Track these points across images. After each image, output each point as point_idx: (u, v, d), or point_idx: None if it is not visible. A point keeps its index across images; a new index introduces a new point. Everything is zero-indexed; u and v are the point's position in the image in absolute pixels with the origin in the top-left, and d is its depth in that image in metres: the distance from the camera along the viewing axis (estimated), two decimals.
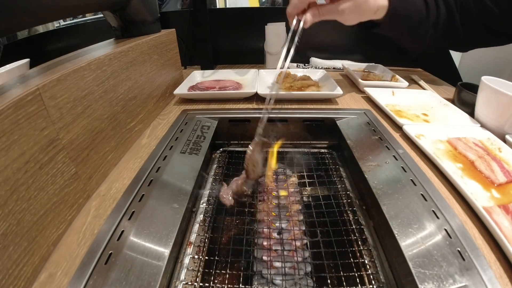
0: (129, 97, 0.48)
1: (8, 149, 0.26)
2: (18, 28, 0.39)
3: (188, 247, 0.35)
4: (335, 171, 0.51)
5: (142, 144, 0.49)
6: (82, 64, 0.37)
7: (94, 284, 0.25)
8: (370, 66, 0.87)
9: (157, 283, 0.26)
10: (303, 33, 0.48)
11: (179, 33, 0.73)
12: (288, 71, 0.75)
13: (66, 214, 0.33)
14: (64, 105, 0.33)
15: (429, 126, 0.52)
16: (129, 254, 0.28)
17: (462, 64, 0.96)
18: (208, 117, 0.56)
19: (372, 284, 0.32)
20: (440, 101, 0.60)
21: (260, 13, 0.98)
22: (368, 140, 0.48)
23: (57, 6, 0.39)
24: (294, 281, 0.35)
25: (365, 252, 0.35)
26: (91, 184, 0.38)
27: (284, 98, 0.65)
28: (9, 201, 0.25)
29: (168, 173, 0.40)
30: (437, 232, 0.30)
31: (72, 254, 0.30)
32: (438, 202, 0.34)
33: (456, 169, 0.40)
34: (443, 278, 0.25)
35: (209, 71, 0.81)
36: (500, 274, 0.27)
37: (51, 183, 0.31)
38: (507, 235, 0.29)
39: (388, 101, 0.63)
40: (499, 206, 0.33)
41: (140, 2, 0.57)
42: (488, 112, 0.50)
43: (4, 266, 0.24)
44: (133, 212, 0.33)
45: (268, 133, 0.51)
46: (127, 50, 0.48)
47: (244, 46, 0.99)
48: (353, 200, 0.43)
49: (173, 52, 0.69)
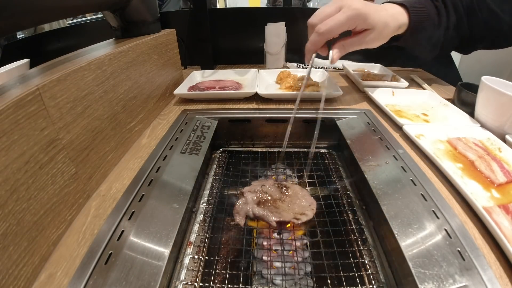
0: (129, 97, 0.48)
1: (8, 149, 0.26)
2: (18, 28, 0.39)
3: (188, 247, 0.35)
4: (335, 171, 0.51)
5: (142, 144, 0.49)
6: (82, 64, 0.37)
7: (94, 284, 0.25)
8: (370, 66, 0.87)
9: (157, 283, 0.26)
10: (302, 33, 0.49)
11: (179, 33, 0.73)
12: (288, 71, 0.75)
13: (66, 214, 0.33)
14: (64, 105, 0.33)
15: (429, 126, 0.52)
16: (129, 254, 0.28)
17: (462, 64, 0.96)
18: (208, 117, 0.56)
19: (372, 284, 0.32)
20: (440, 101, 0.60)
21: (260, 13, 0.98)
22: (368, 140, 0.48)
23: (57, 6, 0.39)
24: (294, 281, 0.35)
25: (365, 252, 0.35)
26: (91, 184, 0.38)
27: (284, 98, 0.65)
28: (9, 201, 0.25)
29: (168, 173, 0.40)
30: (437, 232, 0.30)
31: (72, 254, 0.30)
32: (438, 202, 0.34)
33: (456, 169, 0.40)
34: (443, 278, 0.25)
35: (209, 71, 0.81)
36: (500, 274, 0.27)
37: (51, 183, 0.31)
38: (507, 235, 0.29)
39: (388, 101, 0.63)
40: (499, 206, 0.33)
41: (140, 2, 0.57)
42: (488, 112, 0.50)
43: (4, 266, 0.24)
44: (133, 212, 0.33)
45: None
46: (127, 50, 0.48)
47: (244, 46, 0.99)
48: (353, 200, 0.43)
49: (173, 52, 0.69)
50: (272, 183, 0.45)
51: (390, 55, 0.91)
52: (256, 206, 0.40)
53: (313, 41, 0.47)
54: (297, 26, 0.91)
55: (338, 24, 0.45)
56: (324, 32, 0.45)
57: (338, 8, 0.46)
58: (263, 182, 0.45)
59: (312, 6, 3.36)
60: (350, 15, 0.45)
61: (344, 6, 0.45)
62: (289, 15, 0.92)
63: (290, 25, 0.86)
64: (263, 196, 0.42)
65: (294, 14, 0.93)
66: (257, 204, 0.40)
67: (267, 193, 0.42)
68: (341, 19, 0.45)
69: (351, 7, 0.45)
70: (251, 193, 0.42)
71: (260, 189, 0.43)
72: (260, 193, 0.42)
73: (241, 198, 0.41)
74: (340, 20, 0.45)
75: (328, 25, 0.45)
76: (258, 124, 0.58)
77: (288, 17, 0.90)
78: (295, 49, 0.95)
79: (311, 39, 0.47)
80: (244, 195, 0.42)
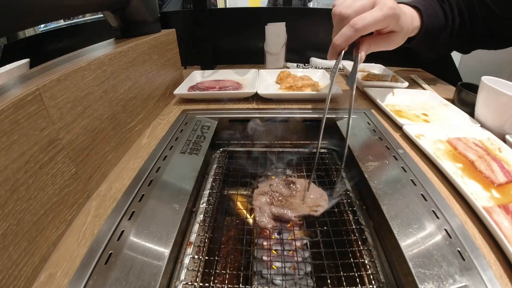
0: (129, 97, 0.48)
1: (8, 149, 0.26)
2: (18, 28, 0.39)
3: (188, 247, 0.35)
4: (335, 171, 0.51)
5: (142, 144, 0.49)
6: (82, 64, 0.37)
7: (94, 284, 0.25)
8: (370, 66, 0.87)
9: (157, 283, 0.26)
10: (303, 33, 0.48)
11: (179, 33, 0.73)
12: (288, 71, 0.75)
13: (66, 214, 0.33)
14: (64, 105, 0.33)
15: (429, 126, 0.52)
16: (129, 254, 0.28)
17: (462, 64, 0.96)
18: (208, 117, 0.56)
19: (372, 284, 0.31)
20: (440, 101, 0.60)
21: (260, 13, 0.98)
22: (368, 140, 0.48)
23: (57, 6, 0.39)
24: (294, 281, 0.35)
25: (365, 252, 0.35)
26: (91, 184, 0.38)
27: (284, 98, 0.65)
28: (9, 201, 0.25)
29: (168, 173, 0.40)
30: (437, 232, 0.30)
31: (72, 254, 0.30)
32: (438, 202, 0.34)
33: (456, 169, 0.40)
34: (443, 278, 0.25)
35: (209, 71, 0.81)
36: (500, 274, 0.27)
37: (51, 183, 0.31)
38: (507, 235, 0.29)
39: (388, 101, 0.63)
40: (499, 206, 0.33)
41: (140, 2, 0.57)
42: (488, 112, 0.50)
43: (4, 266, 0.24)
44: (133, 212, 0.33)
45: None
46: (127, 50, 0.48)
47: (244, 46, 0.99)
48: (353, 200, 0.43)
49: (173, 52, 0.69)
50: (278, 181, 0.45)
51: (390, 55, 0.91)
52: (272, 206, 0.40)
53: (346, 36, 0.41)
54: (297, 26, 0.92)
55: (376, 21, 0.40)
56: (361, 28, 0.40)
57: (372, 3, 0.41)
58: (268, 182, 0.45)
59: (312, 6, 3.36)
60: (387, 14, 0.41)
61: (379, 2, 0.41)
62: (289, 15, 0.92)
63: (290, 25, 0.86)
64: (274, 195, 0.43)
65: (294, 14, 0.93)
66: (271, 204, 0.41)
67: (277, 192, 0.43)
68: (379, 16, 0.40)
69: (387, 5, 0.41)
70: (262, 195, 0.42)
71: (270, 189, 0.43)
72: (270, 193, 0.43)
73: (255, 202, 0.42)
74: (378, 17, 0.40)
75: (366, 20, 0.40)
76: (258, 124, 0.58)
77: (288, 17, 0.90)
78: (295, 49, 0.95)
79: (344, 34, 0.41)
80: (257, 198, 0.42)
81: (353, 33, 0.40)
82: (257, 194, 0.43)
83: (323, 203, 0.40)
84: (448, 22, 0.56)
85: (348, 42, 0.42)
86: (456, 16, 0.57)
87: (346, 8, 0.41)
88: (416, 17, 0.53)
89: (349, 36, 0.41)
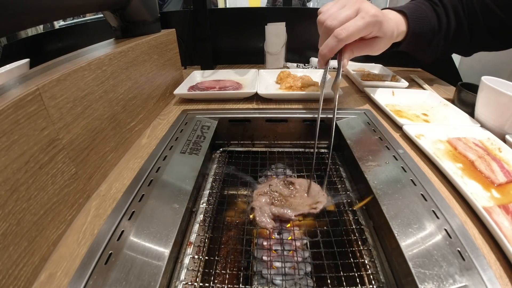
0: (129, 97, 0.48)
1: (8, 149, 0.26)
2: (18, 28, 0.39)
3: (188, 247, 0.35)
4: (335, 171, 0.51)
5: (142, 144, 0.49)
6: (82, 64, 0.37)
7: (94, 284, 0.25)
8: (370, 66, 0.87)
9: (157, 283, 0.26)
10: (302, 33, 0.48)
11: (179, 33, 0.73)
12: (288, 71, 0.75)
13: (66, 214, 0.33)
14: (64, 105, 0.33)
15: (429, 126, 0.52)
16: (129, 254, 0.28)
17: (462, 64, 0.96)
18: (208, 117, 0.56)
19: (372, 284, 0.32)
20: (440, 101, 0.60)
21: (260, 13, 0.98)
22: (368, 140, 0.48)
23: (57, 6, 0.39)
24: (294, 281, 0.35)
25: (365, 252, 0.35)
26: (91, 184, 0.38)
27: (284, 98, 0.65)
28: (9, 201, 0.25)
29: (168, 173, 0.40)
30: (437, 232, 0.30)
31: (72, 254, 0.30)
32: (438, 202, 0.34)
33: (456, 169, 0.40)
34: (443, 278, 0.25)
35: (209, 71, 0.81)
36: (500, 274, 0.27)
37: (51, 183, 0.31)
38: (507, 235, 0.29)
39: (388, 101, 0.63)
40: (499, 206, 0.33)
41: (140, 2, 0.57)
42: (488, 112, 0.50)
43: (4, 266, 0.24)
44: (133, 212, 0.33)
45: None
46: (127, 50, 0.48)
47: (244, 46, 0.99)
48: (353, 200, 0.43)
49: (173, 52, 0.69)
50: (277, 181, 0.45)
51: (390, 55, 0.91)
52: (272, 206, 0.41)
53: (331, 47, 0.43)
54: (297, 26, 0.92)
55: (358, 30, 0.42)
56: (344, 38, 0.42)
57: (355, 12, 0.43)
58: (267, 182, 0.46)
59: (312, 6, 3.36)
60: (369, 22, 0.43)
61: (361, 10, 0.43)
62: (289, 15, 0.92)
63: (290, 25, 0.86)
64: (273, 195, 0.43)
65: (294, 14, 0.93)
66: (271, 204, 0.42)
67: (277, 192, 0.43)
68: (361, 25, 0.42)
69: (369, 13, 0.43)
70: (262, 196, 0.43)
71: (269, 189, 0.43)
72: (270, 193, 0.43)
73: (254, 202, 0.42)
74: (360, 26, 0.42)
75: (349, 30, 0.42)
76: (258, 124, 0.58)
77: (288, 17, 0.90)
78: (295, 49, 0.95)
79: (329, 44, 0.43)
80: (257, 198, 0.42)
81: (337, 43, 0.43)
82: (257, 194, 0.43)
83: (321, 198, 0.41)
84: (442, 25, 0.56)
85: (333, 52, 0.44)
86: (452, 19, 0.57)
87: (331, 20, 0.43)
88: (402, 22, 0.53)
89: (333, 46, 0.43)
